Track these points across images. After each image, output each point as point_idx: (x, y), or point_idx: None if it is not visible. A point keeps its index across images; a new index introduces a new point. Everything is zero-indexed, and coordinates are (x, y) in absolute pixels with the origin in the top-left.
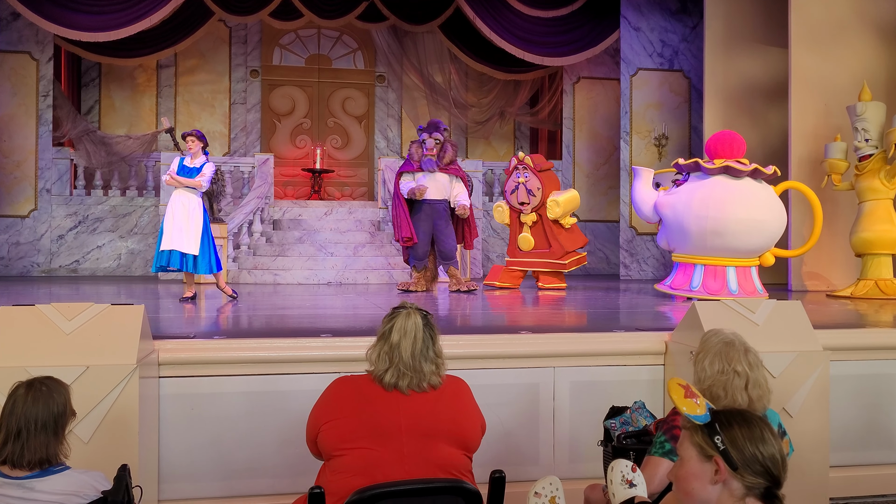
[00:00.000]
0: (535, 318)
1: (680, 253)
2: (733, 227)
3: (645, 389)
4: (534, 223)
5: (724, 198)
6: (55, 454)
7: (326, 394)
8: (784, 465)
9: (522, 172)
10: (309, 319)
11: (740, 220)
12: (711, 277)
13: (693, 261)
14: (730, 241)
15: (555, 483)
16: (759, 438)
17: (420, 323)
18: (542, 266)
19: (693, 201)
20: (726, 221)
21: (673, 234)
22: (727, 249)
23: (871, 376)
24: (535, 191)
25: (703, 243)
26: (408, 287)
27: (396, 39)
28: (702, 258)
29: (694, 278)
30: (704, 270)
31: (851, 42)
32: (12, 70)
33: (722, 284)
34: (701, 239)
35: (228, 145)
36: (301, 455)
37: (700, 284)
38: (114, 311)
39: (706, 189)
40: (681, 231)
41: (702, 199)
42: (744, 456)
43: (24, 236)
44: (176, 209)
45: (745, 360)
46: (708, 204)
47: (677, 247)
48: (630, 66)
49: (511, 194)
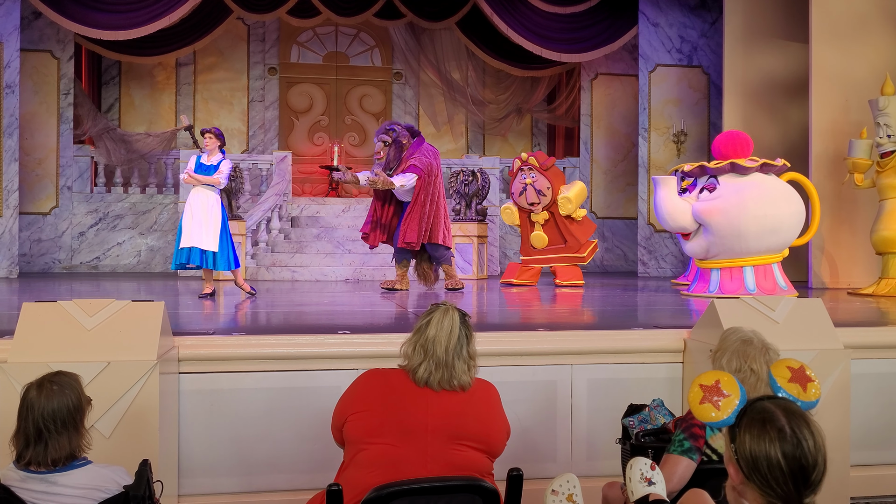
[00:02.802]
0: (553, 315)
1: (724, 258)
2: (788, 222)
3: (663, 387)
4: (546, 221)
5: (774, 195)
6: (78, 447)
7: (356, 385)
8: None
9: (528, 173)
10: (327, 316)
11: (792, 214)
12: (762, 276)
13: (741, 263)
14: (783, 236)
15: (572, 480)
16: (772, 439)
17: (457, 320)
18: (561, 261)
19: (748, 202)
20: (782, 217)
21: (724, 240)
22: (779, 246)
23: (892, 375)
24: (544, 190)
25: (759, 243)
26: (392, 286)
27: (414, 36)
28: (748, 259)
29: (746, 280)
30: (755, 271)
31: (872, 36)
32: (34, 68)
33: (773, 283)
34: (759, 239)
35: (247, 143)
36: (320, 451)
37: (755, 285)
38: (134, 307)
39: (754, 188)
40: (737, 235)
41: (756, 198)
42: (748, 461)
43: (46, 233)
44: (194, 206)
45: (763, 358)
46: (764, 202)
47: (721, 252)
48: (648, 63)
49: (519, 196)
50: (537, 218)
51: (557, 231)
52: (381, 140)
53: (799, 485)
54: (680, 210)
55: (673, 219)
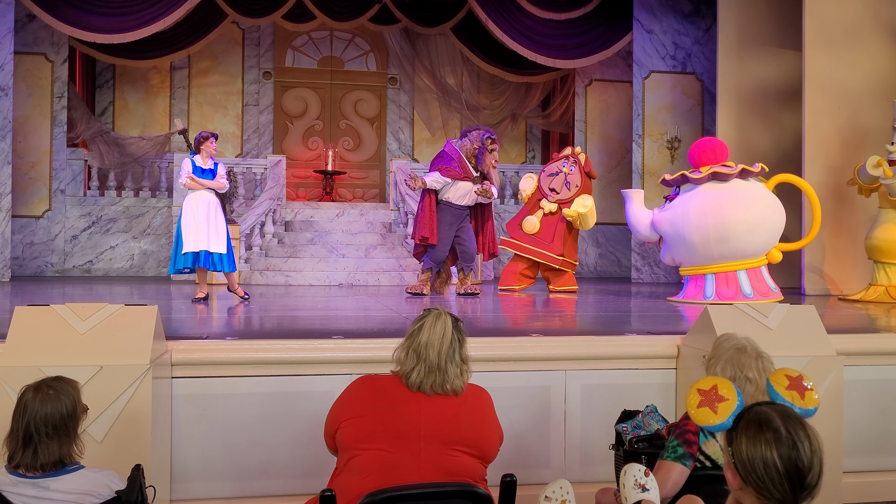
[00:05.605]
0: (547, 321)
1: (688, 266)
2: (735, 230)
3: (657, 393)
4: (550, 213)
5: (720, 203)
6: (69, 454)
7: (349, 391)
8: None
9: (571, 164)
10: (321, 321)
11: (740, 222)
12: (724, 284)
13: (703, 271)
14: (735, 244)
15: (565, 487)
16: (768, 442)
17: (450, 325)
18: (536, 255)
19: (690, 213)
20: (727, 225)
21: (677, 249)
22: (734, 253)
23: (885, 381)
24: (572, 186)
25: (709, 252)
26: (418, 290)
27: (409, 42)
28: (711, 267)
29: (707, 288)
30: (716, 279)
31: (866, 44)
32: (27, 71)
33: (736, 290)
34: (706, 248)
35: (241, 147)
36: (313, 456)
37: (714, 293)
38: (127, 311)
39: (700, 198)
40: (684, 244)
41: (698, 209)
42: (745, 465)
43: (39, 236)
44: (199, 210)
45: (757, 366)
46: (706, 212)
47: (683, 260)
48: (643, 69)
49: (548, 176)
50: (546, 206)
51: (552, 228)
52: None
53: (795, 488)
54: (641, 221)
55: (636, 230)
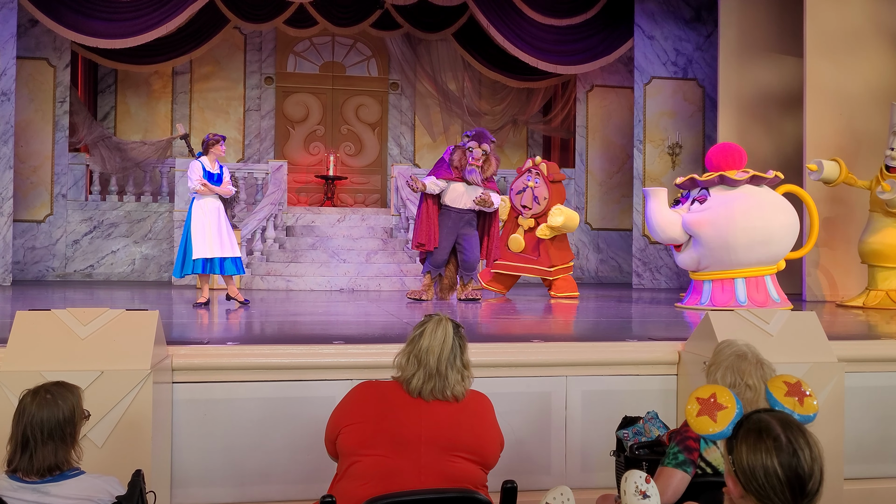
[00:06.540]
0: (548, 327)
1: (715, 270)
2: (779, 233)
3: (658, 399)
4: (529, 228)
5: (762, 206)
6: (65, 460)
7: (350, 396)
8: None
9: (534, 177)
10: (321, 326)
11: (783, 225)
12: (754, 289)
13: (732, 275)
14: (775, 248)
15: (566, 493)
16: (768, 449)
17: (450, 331)
18: (529, 273)
19: (736, 214)
20: (771, 228)
21: (713, 252)
22: (770, 258)
23: (886, 388)
24: (541, 199)
25: (749, 255)
26: (419, 296)
27: (410, 47)
28: (742, 271)
29: (738, 292)
30: (746, 283)
31: (866, 51)
32: (30, 76)
33: (765, 295)
34: (748, 251)
35: (242, 151)
36: (313, 462)
37: (746, 297)
38: (128, 316)
39: (743, 200)
40: (726, 247)
41: (744, 211)
42: (746, 472)
43: (40, 241)
44: (210, 215)
45: (757, 373)
46: (751, 214)
47: (712, 264)
48: (644, 75)
49: (517, 194)
50: (523, 223)
51: (535, 242)
52: (483, 149)
53: (796, 495)
54: (670, 221)
55: (663, 230)
